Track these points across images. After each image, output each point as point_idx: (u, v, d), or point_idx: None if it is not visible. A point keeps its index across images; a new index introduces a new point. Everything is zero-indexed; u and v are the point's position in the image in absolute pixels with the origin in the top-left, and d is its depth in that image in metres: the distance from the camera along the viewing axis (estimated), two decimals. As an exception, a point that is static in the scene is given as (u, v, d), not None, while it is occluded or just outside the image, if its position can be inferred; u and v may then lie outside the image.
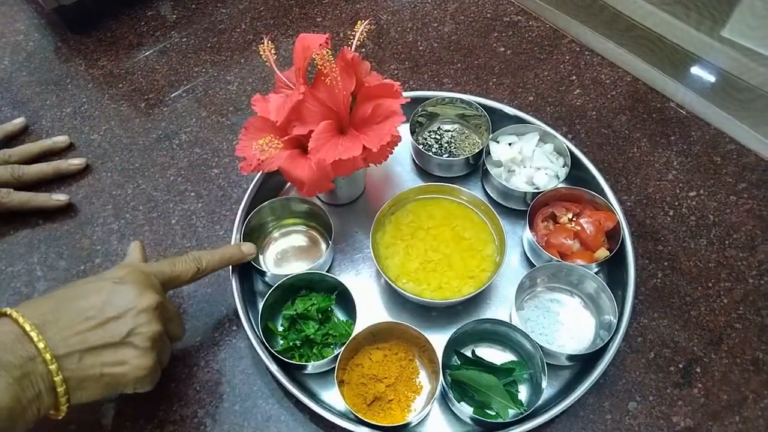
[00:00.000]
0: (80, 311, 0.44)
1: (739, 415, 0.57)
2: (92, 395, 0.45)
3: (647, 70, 0.80)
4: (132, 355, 0.45)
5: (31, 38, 0.87)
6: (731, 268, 0.65)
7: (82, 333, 0.43)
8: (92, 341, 0.43)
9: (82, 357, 0.43)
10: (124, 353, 0.45)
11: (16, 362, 0.40)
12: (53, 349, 0.42)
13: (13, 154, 0.71)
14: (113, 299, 0.46)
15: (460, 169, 0.70)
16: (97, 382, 0.44)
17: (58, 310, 0.44)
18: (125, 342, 0.45)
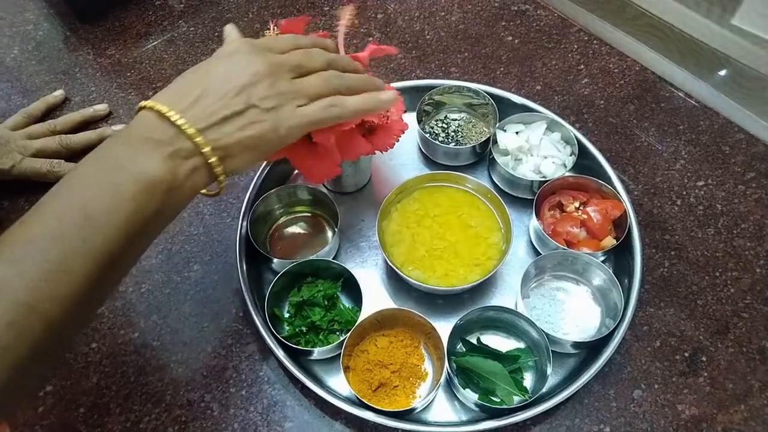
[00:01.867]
0: (199, 86, 0.44)
1: (744, 404, 0.56)
2: (246, 160, 0.45)
3: (656, 59, 0.79)
4: (261, 116, 0.45)
5: (41, 28, 0.87)
6: (738, 258, 0.64)
7: (214, 105, 0.43)
8: (224, 110, 0.43)
9: (221, 125, 0.43)
10: (259, 111, 0.45)
11: (164, 139, 0.41)
12: (194, 123, 0.42)
13: (58, 124, 0.74)
14: (229, 71, 0.45)
15: (466, 158, 0.70)
16: (244, 143, 0.44)
17: (184, 89, 0.44)
18: (256, 104, 0.45)
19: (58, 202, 0.39)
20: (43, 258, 0.36)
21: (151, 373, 0.59)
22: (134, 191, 0.39)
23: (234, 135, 0.44)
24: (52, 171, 0.69)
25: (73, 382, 0.58)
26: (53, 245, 0.36)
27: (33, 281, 0.35)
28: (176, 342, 0.61)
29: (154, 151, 0.41)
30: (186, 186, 0.42)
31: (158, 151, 0.41)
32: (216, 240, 0.67)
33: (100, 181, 0.39)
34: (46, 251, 0.36)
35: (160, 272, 0.65)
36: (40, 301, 0.35)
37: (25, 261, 0.35)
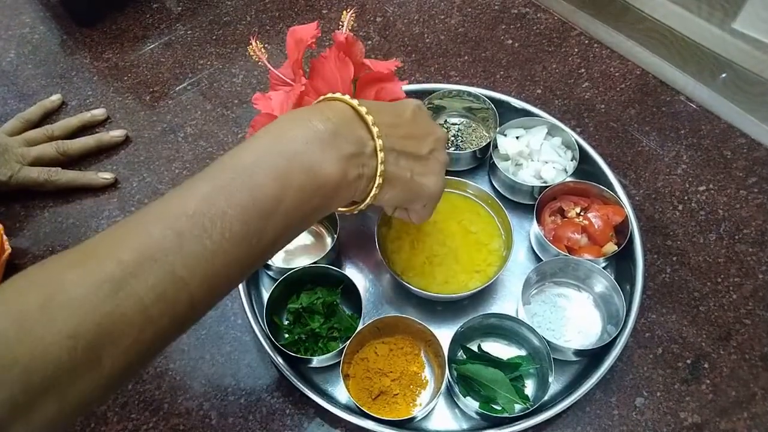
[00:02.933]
0: (395, 116, 0.45)
1: (747, 411, 0.56)
2: (394, 197, 0.46)
3: (657, 63, 0.79)
4: (434, 171, 0.47)
5: (37, 31, 0.87)
6: (741, 264, 0.64)
7: (398, 136, 0.44)
8: (406, 146, 0.44)
9: (399, 157, 0.44)
10: (429, 167, 0.46)
11: (351, 138, 0.40)
12: (383, 139, 0.42)
13: (55, 129, 0.73)
14: (418, 119, 0.47)
15: (467, 163, 0.70)
16: (404, 184, 0.45)
17: (380, 108, 0.44)
18: (428, 158, 0.46)
19: (226, 179, 0.37)
20: (204, 236, 0.35)
21: (149, 381, 0.58)
22: (302, 184, 0.38)
23: (405, 173, 0.44)
24: (49, 180, 0.68)
25: (70, 391, 0.58)
26: (215, 224, 0.35)
27: (190, 257, 0.34)
28: (174, 350, 0.60)
29: (333, 146, 0.39)
30: (349, 189, 0.41)
31: (339, 148, 0.40)
32: (214, 246, 0.66)
33: (271, 166, 0.37)
34: (208, 229, 0.35)
35: (157, 279, 0.64)
36: (192, 279, 0.34)
37: (185, 235, 0.34)
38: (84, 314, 0.31)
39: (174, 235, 0.34)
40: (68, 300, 0.31)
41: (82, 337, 0.31)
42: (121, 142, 0.74)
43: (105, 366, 0.32)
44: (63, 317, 0.31)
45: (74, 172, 0.71)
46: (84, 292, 0.31)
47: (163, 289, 0.33)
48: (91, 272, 0.32)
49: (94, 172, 0.71)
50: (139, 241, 0.34)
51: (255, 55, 0.57)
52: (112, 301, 0.32)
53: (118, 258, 0.33)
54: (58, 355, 0.30)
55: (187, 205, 0.35)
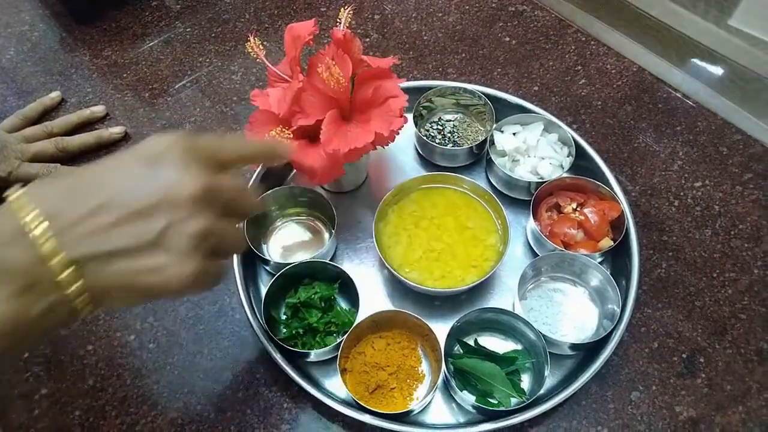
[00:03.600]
0: (98, 197, 0.33)
1: (742, 405, 0.56)
2: (124, 304, 0.36)
3: (653, 60, 0.79)
4: (169, 261, 0.34)
5: (36, 29, 0.87)
6: (736, 259, 0.64)
7: (106, 230, 0.33)
8: (117, 242, 0.33)
9: (109, 261, 0.33)
10: (160, 258, 0.34)
11: (20, 266, 0.31)
12: (68, 249, 0.32)
13: (55, 126, 0.73)
14: (141, 185, 0.34)
15: (463, 159, 0.70)
16: (128, 291, 0.35)
17: (75, 197, 0.33)
18: (159, 243, 0.34)
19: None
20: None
21: (147, 375, 0.59)
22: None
23: (121, 279, 0.34)
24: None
25: (69, 385, 0.58)
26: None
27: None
28: (172, 344, 0.60)
29: (5, 280, 0.31)
30: (41, 324, 0.33)
31: (4, 285, 0.31)
32: (212, 242, 0.67)
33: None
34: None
35: (156, 274, 0.65)
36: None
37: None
38: None
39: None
40: None
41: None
42: (120, 139, 0.75)
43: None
44: None
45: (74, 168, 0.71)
46: None
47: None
48: None
49: None
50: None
51: (253, 53, 0.58)
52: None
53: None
54: None
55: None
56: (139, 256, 0.34)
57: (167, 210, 0.34)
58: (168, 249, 0.34)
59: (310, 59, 0.57)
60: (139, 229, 0.33)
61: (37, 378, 0.59)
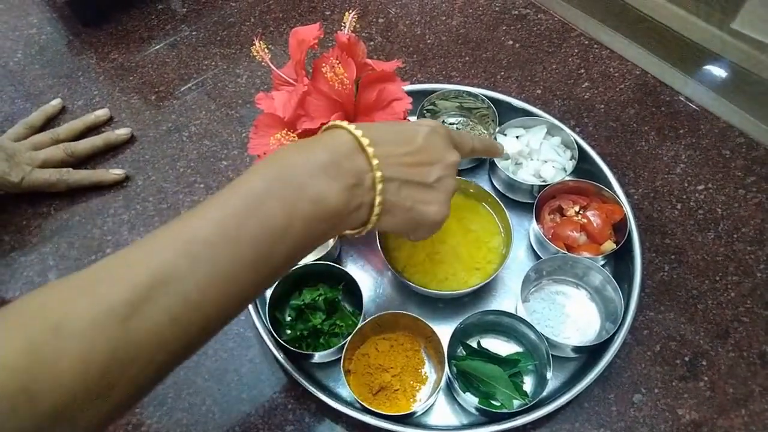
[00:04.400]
0: (403, 143, 0.45)
1: (745, 408, 0.57)
2: (395, 225, 0.46)
3: (656, 63, 0.79)
4: (438, 199, 0.46)
5: (44, 32, 0.88)
6: (739, 262, 0.65)
7: (403, 165, 0.44)
8: (410, 175, 0.44)
9: (401, 186, 0.44)
10: (433, 195, 0.46)
11: (352, 170, 0.41)
12: (383, 169, 0.42)
13: (61, 133, 0.74)
14: (430, 144, 0.46)
15: (467, 162, 0.70)
16: (405, 213, 0.45)
17: (387, 136, 0.44)
18: (434, 186, 0.46)
19: (238, 206, 0.37)
20: (219, 261, 0.35)
21: (153, 376, 0.59)
22: (308, 213, 0.39)
23: (406, 202, 0.44)
24: (61, 179, 0.69)
25: (76, 385, 0.59)
26: (229, 251, 0.36)
27: (204, 282, 0.35)
28: (178, 345, 0.61)
29: (336, 177, 0.40)
30: (350, 217, 0.42)
31: (341, 179, 0.40)
32: (217, 244, 0.67)
33: (280, 196, 0.38)
34: (223, 256, 0.35)
35: (161, 276, 0.65)
36: (205, 303, 0.35)
37: (200, 260, 0.35)
38: (95, 341, 0.31)
39: (186, 260, 0.34)
40: (80, 326, 0.31)
41: (94, 365, 0.31)
42: (127, 141, 0.75)
43: (116, 392, 0.32)
44: (74, 344, 0.31)
45: (85, 171, 0.72)
46: (95, 317, 0.31)
47: (177, 313, 0.33)
48: (102, 297, 0.32)
49: (104, 170, 0.72)
50: (151, 264, 0.34)
51: (258, 56, 0.58)
52: (124, 327, 0.32)
53: (130, 282, 0.33)
54: (70, 384, 0.30)
55: (199, 229, 0.36)
56: (421, 189, 0.45)
57: (443, 167, 0.47)
58: (439, 191, 0.46)
59: (315, 63, 0.58)
60: (425, 172, 0.45)
61: (44, 378, 0.59)
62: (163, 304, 0.33)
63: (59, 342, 0.30)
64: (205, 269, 0.35)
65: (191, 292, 0.34)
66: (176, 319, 0.33)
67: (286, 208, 0.38)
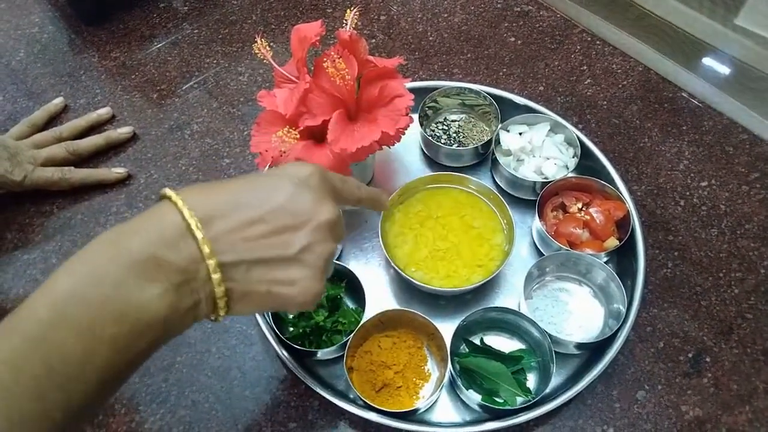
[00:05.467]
0: (254, 208, 0.37)
1: (749, 405, 0.56)
2: (252, 310, 0.39)
3: (659, 59, 0.79)
4: (303, 276, 0.38)
5: (46, 30, 0.88)
6: (743, 259, 0.64)
7: (253, 240, 0.36)
8: (262, 252, 0.36)
9: (250, 268, 0.36)
10: (297, 271, 0.38)
11: (178, 264, 0.34)
12: (219, 254, 0.35)
13: (63, 131, 0.74)
14: (292, 203, 0.38)
15: (469, 159, 0.70)
16: (261, 298, 0.38)
17: (228, 206, 0.36)
18: (298, 258, 0.38)
19: (15, 344, 0.30)
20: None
21: (156, 373, 0.59)
22: (116, 333, 0.32)
23: (260, 286, 0.37)
24: (63, 178, 0.69)
25: (79, 383, 0.59)
26: (9, 403, 0.29)
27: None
28: (180, 343, 0.61)
29: (155, 278, 0.33)
30: (184, 320, 0.36)
31: (162, 280, 0.33)
32: (220, 241, 0.67)
33: (73, 320, 0.31)
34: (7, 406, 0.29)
35: (164, 273, 0.65)
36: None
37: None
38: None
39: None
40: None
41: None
42: (129, 140, 0.75)
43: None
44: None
45: (87, 170, 0.72)
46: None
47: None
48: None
49: (107, 168, 0.72)
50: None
51: (260, 54, 0.58)
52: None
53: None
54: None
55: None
56: (279, 267, 0.37)
57: (309, 230, 0.38)
58: (304, 265, 0.38)
59: (317, 60, 0.58)
60: (283, 243, 0.37)
61: (47, 376, 0.59)
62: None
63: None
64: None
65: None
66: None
67: (81, 334, 0.31)
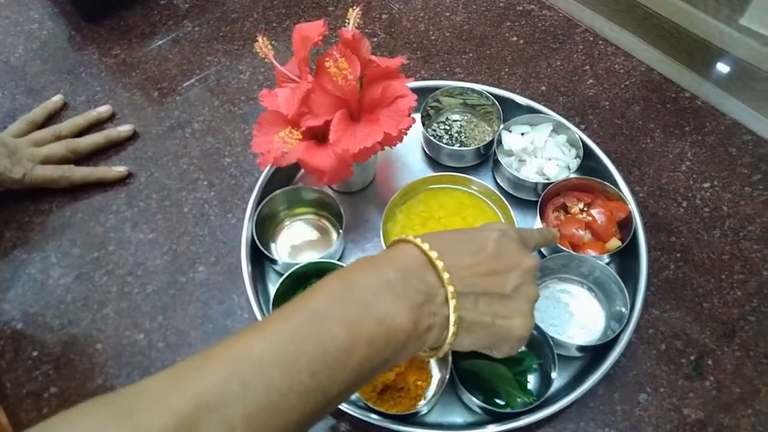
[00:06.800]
0: (473, 253, 0.42)
1: (751, 408, 0.56)
2: (474, 343, 0.43)
3: (662, 59, 0.79)
4: (521, 310, 0.43)
5: (45, 27, 0.88)
6: (745, 261, 0.64)
7: (477, 276, 0.41)
8: (486, 286, 0.41)
9: (477, 300, 0.41)
10: (514, 307, 0.42)
11: (421, 287, 0.39)
12: (454, 284, 0.40)
13: (63, 129, 0.73)
14: (502, 250, 0.43)
15: (470, 159, 0.70)
16: (486, 329, 0.42)
17: (456, 246, 0.42)
18: (513, 296, 0.42)
19: (296, 323, 0.35)
20: (271, 386, 0.32)
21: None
22: (373, 334, 0.36)
23: (485, 317, 0.41)
24: (63, 176, 0.69)
25: (78, 384, 0.59)
26: (284, 374, 0.33)
27: (254, 408, 0.32)
28: (181, 343, 0.61)
29: (404, 296, 0.38)
30: (419, 340, 0.39)
31: (409, 297, 0.38)
32: (221, 241, 0.67)
33: (343, 314, 0.36)
34: (275, 379, 0.33)
35: (165, 273, 0.65)
36: (251, 430, 0.32)
37: (250, 384, 0.32)
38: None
39: (237, 383, 0.32)
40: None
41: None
42: (129, 138, 0.75)
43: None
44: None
45: (87, 168, 0.71)
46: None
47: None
48: (139, 426, 0.30)
49: (107, 167, 0.72)
50: (197, 388, 0.31)
51: (262, 52, 0.58)
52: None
53: (171, 408, 0.30)
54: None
55: (254, 349, 0.33)
56: (499, 301, 0.42)
57: (520, 273, 0.43)
58: (520, 301, 0.43)
59: (319, 59, 0.57)
60: (501, 281, 0.42)
61: (46, 376, 0.59)
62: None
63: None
64: (254, 396, 0.32)
65: (237, 422, 0.31)
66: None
67: (349, 328, 0.36)
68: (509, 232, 0.45)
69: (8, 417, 0.57)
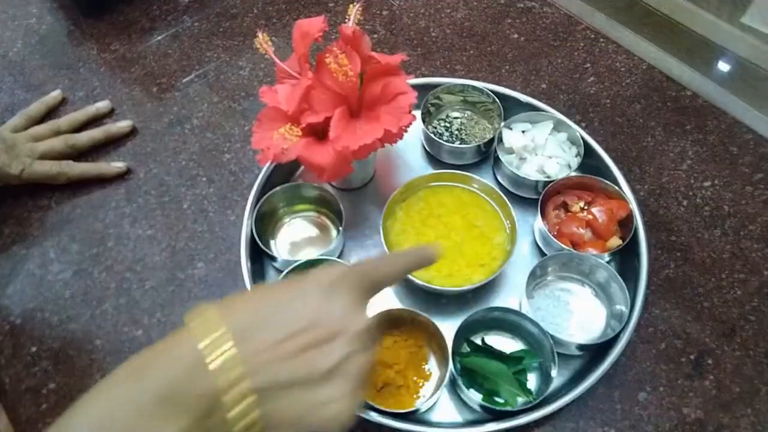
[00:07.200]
0: (285, 323, 0.33)
1: (751, 408, 0.56)
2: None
3: (663, 57, 0.79)
4: (340, 393, 0.34)
5: (44, 21, 0.87)
6: (746, 260, 0.64)
7: (282, 360, 0.33)
8: (292, 373, 0.33)
9: (281, 392, 0.33)
10: (332, 390, 0.34)
11: (200, 393, 0.31)
12: (253, 377, 0.32)
13: (62, 124, 0.73)
14: (324, 313, 0.34)
15: (471, 157, 0.70)
16: (293, 425, 0.34)
17: (265, 317, 0.34)
18: (333, 375, 0.34)
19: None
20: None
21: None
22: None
23: (293, 410, 0.33)
24: (62, 172, 0.69)
25: (77, 380, 0.58)
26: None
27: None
28: (180, 340, 0.60)
29: (170, 415, 0.30)
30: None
31: (183, 413, 0.31)
32: (220, 238, 0.67)
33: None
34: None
35: (164, 270, 0.65)
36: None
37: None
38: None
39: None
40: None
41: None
42: (128, 134, 0.75)
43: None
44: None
45: (86, 163, 0.71)
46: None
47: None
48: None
49: (106, 162, 0.72)
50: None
51: (262, 48, 0.58)
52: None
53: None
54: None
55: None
56: (313, 387, 0.33)
57: (345, 342, 0.34)
58: (342, 380, 0.34)
59: (319, 56, 0.57)
60: (315, 360, 0.33)
61: (44, 372, 0.59)
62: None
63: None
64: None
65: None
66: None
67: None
68: (344, 281, 0.36)
69: (7, 413, 0.57)
